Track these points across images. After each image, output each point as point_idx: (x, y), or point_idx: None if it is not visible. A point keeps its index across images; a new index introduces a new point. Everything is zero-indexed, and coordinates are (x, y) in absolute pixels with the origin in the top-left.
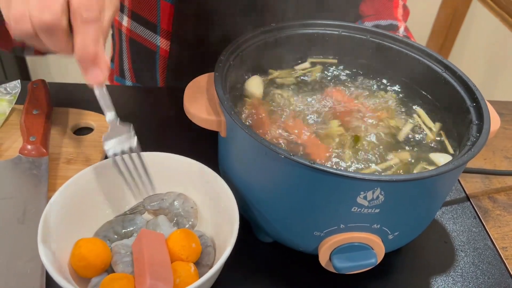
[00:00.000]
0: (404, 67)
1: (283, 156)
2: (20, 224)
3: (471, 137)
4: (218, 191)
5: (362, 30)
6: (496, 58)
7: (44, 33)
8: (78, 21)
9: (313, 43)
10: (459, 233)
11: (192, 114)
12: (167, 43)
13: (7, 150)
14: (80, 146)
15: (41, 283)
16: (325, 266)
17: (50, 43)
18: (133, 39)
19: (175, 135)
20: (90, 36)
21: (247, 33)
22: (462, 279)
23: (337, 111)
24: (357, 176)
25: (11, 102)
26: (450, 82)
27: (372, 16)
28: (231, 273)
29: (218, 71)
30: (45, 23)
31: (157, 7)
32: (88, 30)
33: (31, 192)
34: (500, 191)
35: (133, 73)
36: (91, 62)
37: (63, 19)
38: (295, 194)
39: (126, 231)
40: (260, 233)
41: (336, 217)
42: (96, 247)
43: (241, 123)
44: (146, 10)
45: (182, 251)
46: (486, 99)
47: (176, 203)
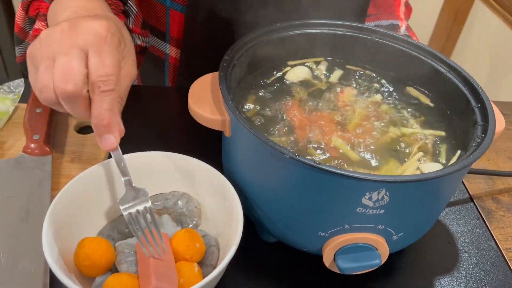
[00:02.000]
0: (408, 67)
1: (288, 156)
2: (23, 223)
3: (476, 138)
4: (222, 191)
5: (366, 30)
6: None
7: (66, 102)
8: (96, 92)
9: (316, 42)
10: (462, 234)
11: (196, 114)
12: (177, 51)
13: (11, 148)
14: (83, 145)
15: (44, 282)
16: (329, 267)
17: (71, 109)
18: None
19: (179, 134)
20: (106, 106)
21: (252, 33)
22: (466, 280)
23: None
24: (362, 176)
25: (15, 101)
26: (455, 82)
27: (373, 16)
28: (234, 273)
29: (223, 70)
30: (68, 93)
31: (167, 16)
32: (104, 100)
33: (34, 191)
34: (504, 192)
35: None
36: (106, 129)
37: (83, 90)
38: (300, 194)
39: (130, 230)
40: (264, 233)
41: (340, 217)
42: (100, 246)
43: (245, 123)
44: (155, 19)
45: (186, 251)
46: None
47: (180, 203)
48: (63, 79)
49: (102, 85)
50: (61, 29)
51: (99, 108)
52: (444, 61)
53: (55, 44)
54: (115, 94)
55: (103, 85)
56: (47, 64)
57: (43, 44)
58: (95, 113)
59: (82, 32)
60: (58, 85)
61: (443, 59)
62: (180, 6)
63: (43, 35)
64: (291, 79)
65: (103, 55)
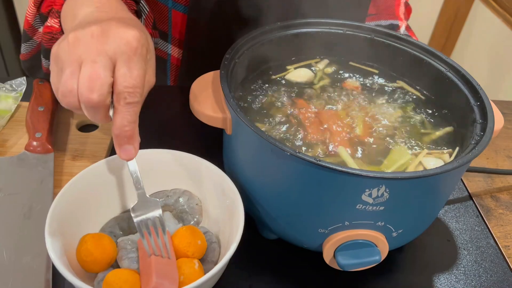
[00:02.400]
0: (407, 66)
1: (288, 153)
2: (26, 220)
3: (475, 136)
4: (223, 188)
5: (366, 29)
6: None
7: (89, 110)
8: (121, 103)
9: (317, 42)
10: (461, 231)
11: (197, 112)
12: (179, 51)
13: (13, 146)
14: (85, 143)
15: (47, 278)
16: (329, 263)
17: (91, 116)
18: None
19: (180, 132)
20: (130, 118)
21: (253, 32)
22: (465, 277)
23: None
24: (362, 173)
25: (17, 99)
26: (454, 81)
27: (373, 15)
28: (235, 270)
29: (224, 68)
30: (92, 102)
31: (169, 16)
32: (129, 112)
33: (37, 188)
34: (503, 190)
35: None
36: (127, 141)
37: (108, 99)
38: (300, 191)
39: (132, 227)
40: (265, 230)
41: (340, 214)
42: (102, 242)
43: (246, 120)
44: (157, 19)
45: (187, 247)
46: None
47: (181, 200)
48: (89, 87)
49: (128, 96)
50: (91, 33)
51: (123, 119)
52: (443, 59)
53: (83, 48)
54: (139, 106)
55: (129, 97)
56: (73, 69)
57: (71, 47)
58: (119, 124)
59: (113, 39)
60: (83, 92)
61: (442, 57)
62: (182, 7)
63: (71, 37)
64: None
65: (131, 66)
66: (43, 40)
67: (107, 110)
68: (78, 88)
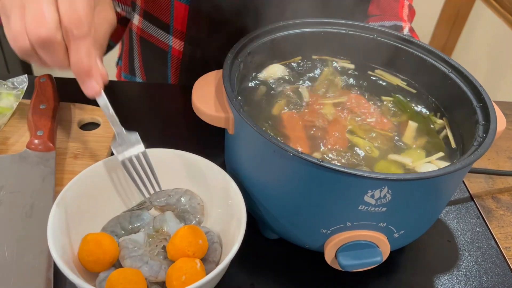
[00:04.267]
0: (410, 67)
1: (291, 153)
2: (28, 218)
3: (478, 137)
4: (225, 188)
5: (369, 29)
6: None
7: (42, 48)
8: (70, 38)
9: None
10: (462, 232)
11: (200, 111)
12: (181, 43)
13: (15, 144)
14: (86, 141)
15: (48, 277)
16: (330, 264)
17: (48, 58)
18: (144, 39)
19: (182, 131)
20: (83, 52)
21: (255, 31)
22: (466, 278)
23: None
24: (365, 174)
25: (18, 97)
26: (457, 82)
27: (377, 16)
28: (236, 270)
29: (226, 67)
30: (41, 38)
31: (171, 7)
32: (80, 45)
33: (38, 186)
34: (504, 191)
35: (143, 72)
36: (86, 75)
37: (57, 35)
38: (303, 191)
39: (133, 226)
40: (266, 230)
41: (343, 215)
42: (104, 242)
43: (249, 120)
44: (159, 10)
45: (189, 247)
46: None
47: (183, 200)
48: (35, 24)
49: (75, 29)
50: None
51: (76, 54)
52: (446, 60)
53: None
54: (90, 38)
55: (76, 30)
56: (18, 11)
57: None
58: (73, 60)
59: None
60: (31, 30)
61: (445, 58)
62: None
63: None
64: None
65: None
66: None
67: (62, 49)
68: (26, 28)
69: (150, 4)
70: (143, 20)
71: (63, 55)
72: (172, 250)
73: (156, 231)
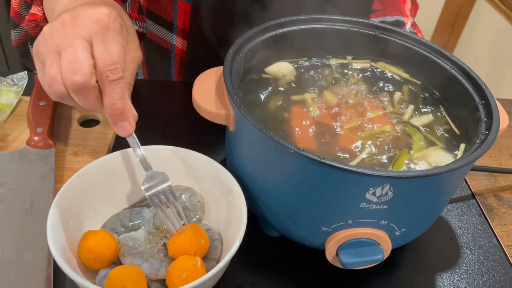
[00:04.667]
0: (412, 64)
1: (292, 151)
2: (27, 215)
3: (480, 135)
4: (225, 185)
5: (371, 26)
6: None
7: (76, 93)
8: (105, 81)
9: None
10: (464, 230)
11: (201, 108)
12: (184, 41)
13: (14, 141)
14: (87, 138)
15: (48, 274)
16: (331, 261)
17: (82, 101)
18: (147, 38)
19: (183, 128)
20: (117, 95)
21: (256, 27)
22: (467, 276)
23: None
24: (367, 172)
25: (18, 93)
26: (459, 79)
27: (379, 11)
28: (237, 267)
29: (227, 64)
30: (77, 84)
31: (174, 6)
32: (115, 89)
33: (38, 183)
34: (506, 189)
35: (146, 70)
36: (120, 117)
37: (92, 80)
38: (304, 189)
39: (133, 224)
40: (267, 228)
41: (344, 212)
42: (104, 239)
43: (250, 117)
44: (162, 9)
45: (190, 247)
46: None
47: (183, 197)
48: (71, 70)
49: (111, 74)
50: (62, 21)
51: (111, 98)
52: (448, 57)
53: (58, 37)
54: (124, 81)
55: (112, 74)
56: (53, 57)
57: (47, 39)
58: (108, 103)
59: (83, 22)
60: (66, 77)
61: (447, 55)
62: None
63: (46, 30)
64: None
65: (107, 42)
66: (29, 27)
67: (96, 92)
68: (62, 74)
69: (153, 3)
70: (146, 19)
71: (96, 98)
72: (173, 249)
73: (157, 228)
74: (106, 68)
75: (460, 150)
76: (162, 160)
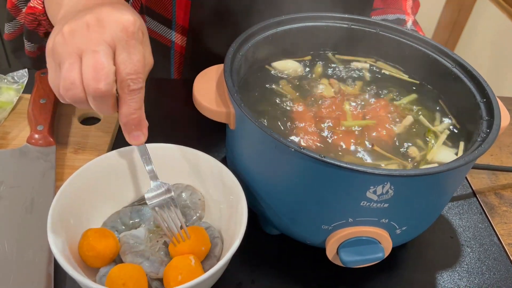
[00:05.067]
0: (413, 62)
1: (293, 149)
2: (28, 213)
3: (481, 133)
4: (226, 183)
5: (372, 23)
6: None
7: (96, 100)
8: (126, 90)
9: (322, 36)
10: (465, 228)
11: (201, 106)
12: (183, 38)
13: (15, 139)
14: (87, 136)
15: (49, 272)
16: (332, 260)
17: (98, 107)
18: None
19: (183, 126)
20: (136, 105)
21: (257, 25)
22: (468, 275)
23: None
24: (368, 170)
25: (19, 91)
26: (460, 77)
27: (380, 9)
28: (237, 265)
29: (228, 62)
30: (100, 92)
31: (173, 3)
32: (134, 99)
33: (38, 181)
34: (507, 187)
35: None
36: (135, 128)
37: (114, 88)
38: (304, 187)
39: (134, 222)
40: (267, 226)
41: (344, 211)
42: (105, 237)
43: (250, 115)
44: (161, 6)
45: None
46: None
47: (183, 195)
48: (95, 77)
49: (132, 83)
50: (86, 23)
51: (129, 107)
52: (450, 55)
53: (80, 39)
54: (143, 91)
55: (133, 84)
56: (73, 60)
57: (67, 40)
58: (125, 112)
59: (109, 27)
60: (89, 83)
61: (448, 53)
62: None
63: (67, 29)
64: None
65: (130, 51)
66: (26, 21)
67: (114, 100)
68: (84, 79)
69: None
70: (145, 16)
71: (113, 105)
72: (173, 251)
73: (157, 226)
74: (128, 77)
75: (459, 149)
76: (162, 158)
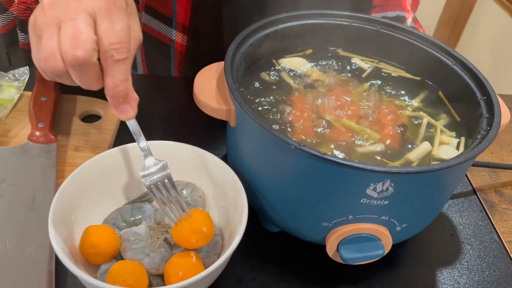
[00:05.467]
0: (414, 59)
1: (293, 146)
2: (29, 210)
3: (481, 131)
4: (226, 180)
5: (373, 21)
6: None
7: (76, 70)
8: (109, 61)
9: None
10: (465, 226)
11: (201, 103)
12: (184, 37)
13: (16, 136)
14: (88, 133)
15: (50, 268)
16: (332, 257)
17: (80, 79)
18: (146, 33)
19: (184, 124)
20: (121, 76)
21: (257, 22)
22: (468, 272)
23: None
24: (368, 167)
25: (20, 89)
26: (460, 74)
27: (379, 7)
28: (238, 262)
29: (228, 60)
30: (78, 59)
31: (173, 1)
32: (119, 70)
33: (39, 178)
34: (507, 185)
35: (145, 66)
36: (122, 100)
37: (94, 56)
38: (305, 184)
39: (135, 219)
40: (267, 223)
41: (344, 208)
42: (106, 234)
43: (251, 112)
44: (161, 4)
45: (191, 235)
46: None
47: (184, 192)
48: (72, 44)
49: (116, 53)
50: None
51: (114, 79)
52: (450, 53)
53: (59, 10)
54: (129, 62)
55: (117, 54)
56: (52, 31)
57: (46, 11)
58: (110, 84)
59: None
60: (67, 51)
61: (449, 51)
62: None
63: (46, 2)
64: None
65: (113, 20)
66: (18, 10)
67: (96, 71)
68: (61, 48)
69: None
70: (145, 14)
71: (96, 77)
72: (175, 237)
73: (158, 223)
74: (111, 47)
75: (460, 146)
76: (163, 155)
